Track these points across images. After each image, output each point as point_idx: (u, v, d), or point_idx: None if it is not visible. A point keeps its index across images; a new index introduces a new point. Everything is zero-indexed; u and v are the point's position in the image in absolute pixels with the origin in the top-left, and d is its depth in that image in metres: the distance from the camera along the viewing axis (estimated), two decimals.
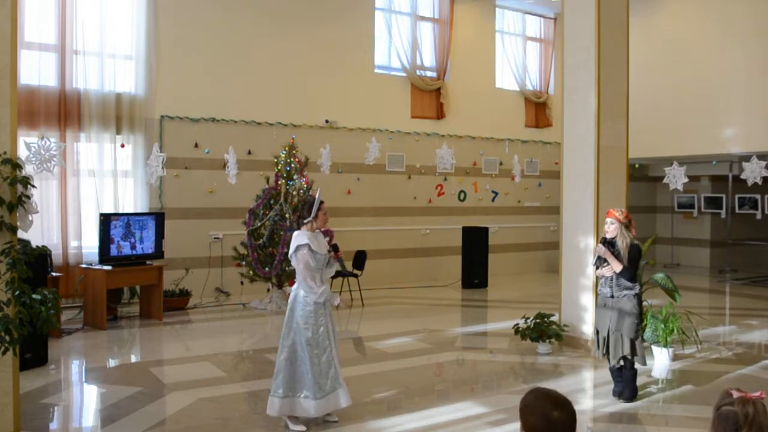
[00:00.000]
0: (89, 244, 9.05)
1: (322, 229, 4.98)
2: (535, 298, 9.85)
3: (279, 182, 9.30)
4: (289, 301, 4.77)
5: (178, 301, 9.09)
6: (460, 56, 12.86)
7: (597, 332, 5.55)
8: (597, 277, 5.64)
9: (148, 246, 8.57)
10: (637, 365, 5.41)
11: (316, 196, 4.89)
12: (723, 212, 14.16)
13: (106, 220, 8.19)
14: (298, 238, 4.70)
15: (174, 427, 4.73)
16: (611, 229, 5.35)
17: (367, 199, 11.71)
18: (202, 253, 10.06)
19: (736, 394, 1.97)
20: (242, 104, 10.49)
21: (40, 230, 8.58)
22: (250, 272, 9.31)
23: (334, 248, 4.89)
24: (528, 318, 6.95)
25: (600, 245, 5.39)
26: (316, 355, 4.62)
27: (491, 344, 7.60)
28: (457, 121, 12.78)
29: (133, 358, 7.11)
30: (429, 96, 12.54)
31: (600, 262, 5.39)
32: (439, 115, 12.60)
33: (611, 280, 5.38)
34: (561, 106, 7.51)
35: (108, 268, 8.04)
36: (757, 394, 1.98)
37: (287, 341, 4.68)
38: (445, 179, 12.64)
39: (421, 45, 12.52)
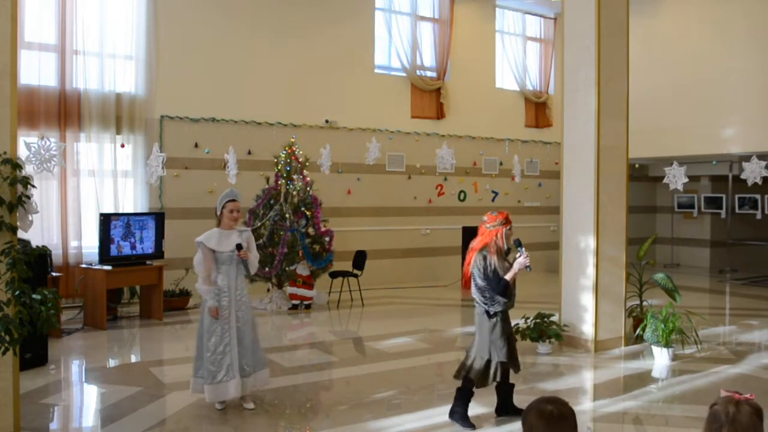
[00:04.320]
0: (89, 244, 9.05)
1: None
2: (535, 298, 9.82)
3: (279, 182, 9.30)
4: None
5: (178, 301, 9.09)
6: (460, 56, 12.86)
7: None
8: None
9: (148, 246, 8.57)
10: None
11: (222, 195, 5.07)
12: (723, 212, 14.16)
13: (106, 220, 8.19)
14: (203, 235, 4.97)
15: (174, 427, 4.73)
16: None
17: (367, 199, 11.71)
18: None
19: (724, 394, 2.05)
20: (242, 104, 10.49)
21: (40, 230, 8.57)
22: None
23: (238, 247, 4.93)
24: (528, 318, 6.95)
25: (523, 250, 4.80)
26: (213, 344, 4.85)
27: None
28: (457, 121, 12.78)
29: (133, 358, 7.11)
30: (429, 96, 12.54)
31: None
32: (439, 115, 12.60)
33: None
34: (561, 106, 7.51)
35: (108, 268, 8.03)
36: (747, 395, 2.03)
37: (201, 328, 4.98)
38: (445, 179, 12.64)
39: (421, 45, 12.52)
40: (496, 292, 4.65)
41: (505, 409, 4.94)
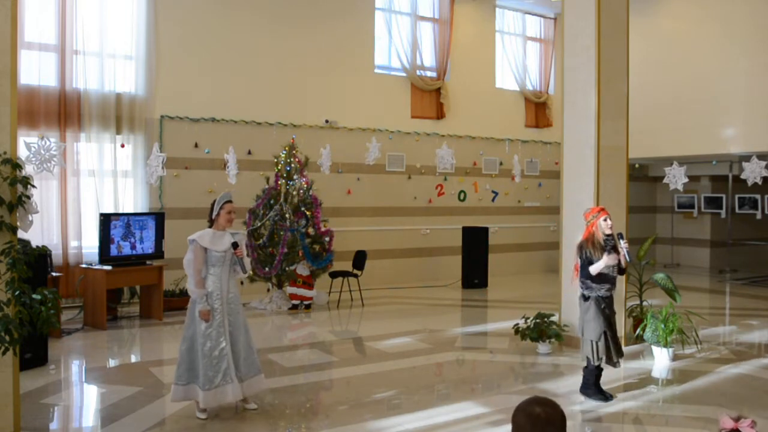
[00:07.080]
0: (89, 244, 9.05)
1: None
2: (535, 298, 9.84)
3: (279, 182, 9.30)
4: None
5: (178, 301, 9.08)
6: (460, 56, 12.86)
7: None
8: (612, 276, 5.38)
9: (148, 246, 8.57)
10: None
11: (220, 196, 4.99)
12: (723, 212, 14.16)
13: (106, 220, 8.19)
14: (196, 233, 4.88)
15: (174, 427, 4.73)
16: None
17: (367, 199, 11.71)
18: None
19: (726, 418, 2.07)
20: (242, 104, 10.49)
21: (40, 230, 8.58)
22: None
23: (234, 246, 4.87)
24: (528, 318, 6.95)
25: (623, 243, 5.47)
26: (208, 348, 4.77)
27: (491, 344, 7.60)
28: (457, 121, 12.78)
29: (133, 358, 7.11)
30: (429, 96, 12.54)
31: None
32: (439, 115, 12.60)
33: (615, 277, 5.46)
34: (561, 106, 7.51)
35: (108, 268, 8.04)
36: (748, 421, 2.08)
37: (188, 332, 4.88)
38: (445, 179, 12.64)
39: (421, 45, 12.52)
40: (583, 276, 5.38)
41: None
